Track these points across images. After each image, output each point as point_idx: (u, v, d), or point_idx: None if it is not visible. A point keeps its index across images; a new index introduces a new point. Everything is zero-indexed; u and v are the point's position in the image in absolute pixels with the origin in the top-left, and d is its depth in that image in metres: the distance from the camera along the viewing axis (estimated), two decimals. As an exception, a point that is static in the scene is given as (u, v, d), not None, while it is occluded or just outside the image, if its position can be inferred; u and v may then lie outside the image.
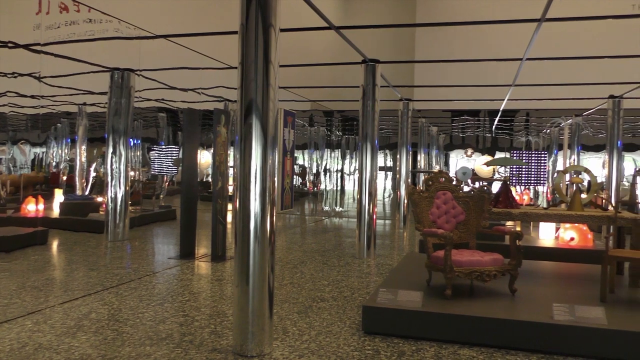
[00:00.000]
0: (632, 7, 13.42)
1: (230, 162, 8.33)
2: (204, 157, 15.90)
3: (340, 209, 16.65)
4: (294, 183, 9.71)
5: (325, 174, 21.58)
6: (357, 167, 8.27)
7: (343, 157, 21.77)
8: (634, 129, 18.33)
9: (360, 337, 4.27)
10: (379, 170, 20.97)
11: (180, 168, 12.42)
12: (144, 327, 4.39)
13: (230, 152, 8.28)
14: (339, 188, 21.55)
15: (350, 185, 21.37)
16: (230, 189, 9.40)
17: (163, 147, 14.19)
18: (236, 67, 3.88)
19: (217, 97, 13.07)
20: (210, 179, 18.38)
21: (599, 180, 10.13)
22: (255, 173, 3.79)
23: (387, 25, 14.68)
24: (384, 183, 22.30)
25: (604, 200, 6.75)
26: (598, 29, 12.63)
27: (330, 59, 13.95)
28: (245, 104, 3.79)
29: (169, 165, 13.00)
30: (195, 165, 7.85)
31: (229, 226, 8.14)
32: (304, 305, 5.18)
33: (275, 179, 3.93)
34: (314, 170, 21.87)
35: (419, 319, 4.26)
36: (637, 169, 13.48)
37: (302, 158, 22.68)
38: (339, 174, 21.67)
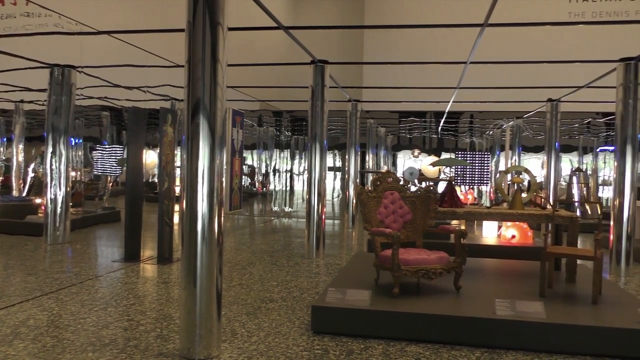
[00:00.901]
0: (569, 15, 14.06)
1: (177, 162, 8.18)
2: (150, 157, 15.54)
3: (290, 209, 16.64)
4: (243, 183, 9.62)
5: (274, 174, 21.52)
6: (306, 168, 8.28)
7: (292, 158, 21.77)
8: (571, 131, 19.18)
9: (310, 337, 4.28)
10: (328, 170, 21.11)
11: (124, 168, 12.09)
12: (86, 333, 4.24)
13: (177, 152, 8.13)
14: (288, 188, 21.53)
15: (300, 186, 21.40)
16: (177, 189, 9.22)
17: (106, 146, 13.77)
18: (183, 66, 3.81)
19: (163, 96, 12.79)
20: (156, 180, 17.98)
21: (538, 180, 10.53)
22: (203, 173, 3.73)
23: (335, 26, 14.80)
24: (333, 183, 22.45)
25: (542, 199, 7.03)
26: (538, 35, 13.16)
27: (280, 59, 13.94)
28: (193, 103, 3.73)
29: (113, 166, 12.63)
30: (141, 166, 7.65)
31: (175, 227, 7.99)
32: (252, 306, 5.15)
33: (224, 179, 3.88)
34: (263, 171, 21.76)
35: (368, 317, 4.31)
36: (574, 170, 14.12)
37: (251, 158, 22.53)
38: (288, 174, 21.65)
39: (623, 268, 7.40)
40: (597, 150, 19.51)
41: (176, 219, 7.94)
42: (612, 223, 7.56)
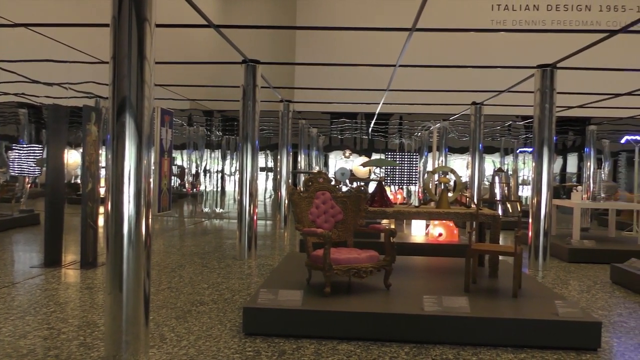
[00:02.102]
0: (492, 23, 14.71)
1: (102, 163, 7.85)
2: (72, 157, 14.82)
3: (221, 210, 16.40)
4: (172, 184, 9.38)
5: (205, 175, 21.11)
6: (237, 168, 8.19)
7: (223, 158, 21.46)
8: (493, 133, 20.08)
9: (241, 339, 4.23)
10: (260, 170, 20.94)
11: (43, 169, 11.47)
12: (1, 344, 3.99)
13: (102, 151, 7.80)
14: (219, 189, 21.20)
15: (231, 186, 21.12)
16: (102, 190, 8.85)
17: (24, 146, 13.02)
18: (108, 62, 3.66)
19: (86, 93, 12.24)
20: (79, 181, 17.17)
21: (463, 180, 10.94)
22: (129, 174, 3.60)
23: (266, 26, 14.73)
24: (265, 184, 22.31)
25: (467, 199, 7.32)
26: (463, 41, 13.68)
27: (211, 58, 13.71)
28: (118, 101, 3.59)
29: (31, 166, 11.95)
30: (62, 166, 7.29)
31: (100, 230, 7.66)
32: (182, 310, 5.03)
33: (151, 180, 3.76)
34: (193, 171, 21.29)
35: (299, 317, 4.32)
36: (496, 170, 14.79)
37: (180, 158, 21.98)
38: (219, 175, 21.32)
39: (541, 262, 7.83)
40: (517, 151, 20.52)
41: (101, 221, 7.61)
42: (530, 220, 7.99)
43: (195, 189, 20.84)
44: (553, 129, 7.86)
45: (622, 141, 12.51)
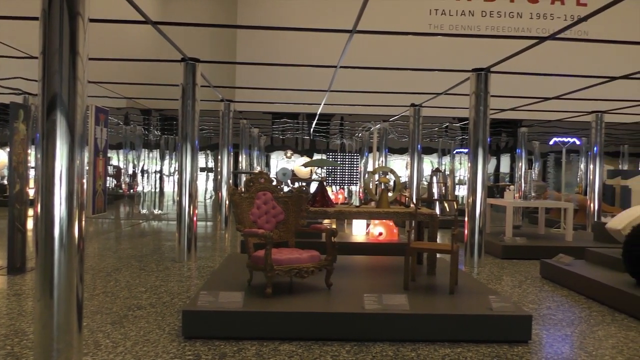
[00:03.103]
0: (429, 27, 15.10)
1: (31, 163, 7.48)
2: (-1, 157, 14.04)
3: (159, 211, 16.01)
4: (108, 185, 9.07)
5: (142, 175, 20.53)
6: (176, 168, 8.02)
7: (162, 158, 20.94)
8: (431, 134, 20.62)
9: (181, 342, 4.14)
10: (200, 171, 20.59)
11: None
12: None
13: (31, 151, 7.43)
14: (157, 190, 20.68)
15: (170, 187, 20.65)
16: (32, 192, 8.44)
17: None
18: (37, 57, 3.48)
19: (14, 90, 11.62)
20: (6, 182, 16.31)
21: (402, 180, 11.15)
22: (60, 174, 3.44)
23: (205, 24, 14.46)
24: (205, 184, 21.97)
25: (406, 198, 7.48)
26: (402, 44, 13.97)
27: (149, 56, 13.35)
28: (48, 99, 3.43)
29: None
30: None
31: (29, 234, 7.30)
32: (118, 315, 4.86)
33: (85, 180, 3.62)
34: (130, 171, 20.66)
35: (240, 319, 4.27)
36: (433, 170, 15.19)
37: (117, 158, 21.27)
38: (158, 175, 20.79)
39: (476, 259, 8.10)
40: (454, 152, 21.18)
41: (30, 224, 7.26)
42: (466, 219, 8.25)
43: (132, 190, 20.24)
44: (487, 130, 8.15)
45: (551, 143, 13.15)
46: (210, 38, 15.51)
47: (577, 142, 13.36)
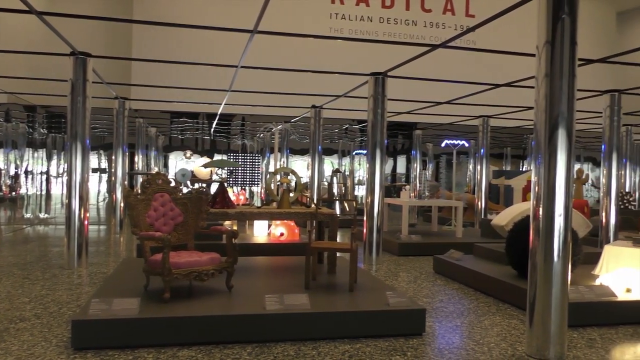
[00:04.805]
0: (330, 30, 15.38)
1: None
2: None
3: (46, 215, 14.95)
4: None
5: (26, 177, 19.03)
6: (66, 169, 7.52)
7: (49, 158, 19.56)
8: (332, 135, 21.02)
9: (70, 355, 3.88)
10: (92, 172, 19.48)
11: None
12: None
13: None
14: (43, 192, 19.28)
15: (59, 189, 19.34)
16: None
17: None
18: None
19: None
20: None
21: (303, 181, 11.25)
22: None
23: (96, 17, 13.71)
24: (98, 186, 20.81)
25: (307, 199, 7.56)
26: (304, 46, 14.09)
27: (34, 48, 12.40)
28: None
29: None
30: None
31: None
32: (-2, 328, 4.47)
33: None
34: (12, 172, 19.06)
35: (136, 326, 4.09)
36: (334, 170, 15.49)
37: (-4, 158, 19.54)
38: (45, 177, 19.40)
39: (374, 257, 8.37)
40: (353, 153, 21.74)
41: None
42: (365, 218, 8.49)
43: (14, 193, 18.68)
44: (384, 132, 8.44)
45: (443, 145, 13.90)
46: (105, 33, 14.72)
47: (466, 145, 14.23)
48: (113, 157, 12.23)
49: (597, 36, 16.96)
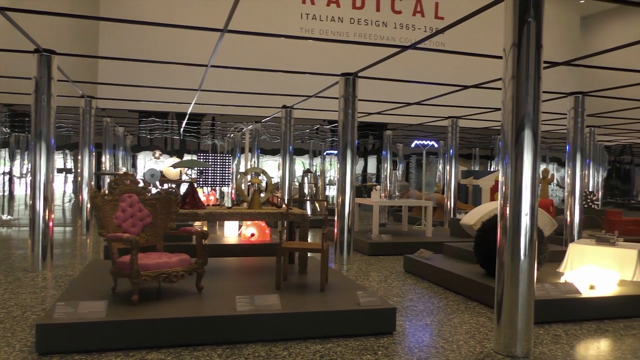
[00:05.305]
0: (301, 30, 15.36)
1: None
2: None
3: (9, 217, 14.54)
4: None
5: (-12, 177, 18.49)
6: (29, 169, 7.33)
7: (12, 158, 19.04)
8: (303, 136, 21.01)
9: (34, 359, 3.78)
10: (58, 172, 19.03)
11: None
12: None
13: None
14: (6, 193, 18.76)
15: (22, 190, 18.85)
16: None
17: None
18: None
19: None
20: None
21: (274, 181, 11.20)
22: None
23: (60, 13, 13.41)
24: (63, 187, 20.35)
25: (278, 199, 7.53)
26: (275, 46, 14.04)
27: (-5, 44, 12.04)
28: None
29: None
30: None
31: None
32: (-42, 334, 4.32)
33: None
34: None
35: (104, 330, 4.00)
36: (305, 171, 15.49)
37: (-44, 158, 18.93)
38: (7, 177, 18.87)
39: (345, 257, 8.39)
40: (325, 153, 21.77)
41: None
42: (336, 218, 8.51)
43: (-24, 194, 18.13)
44: (355, 133, 8.47)
45: (413, 145, 14.03)
46: (71, 30, 14.39)
47: (436, 145, 14.40)
48: (79, 157, 11.97)
49: (562, 39, 17.37)
